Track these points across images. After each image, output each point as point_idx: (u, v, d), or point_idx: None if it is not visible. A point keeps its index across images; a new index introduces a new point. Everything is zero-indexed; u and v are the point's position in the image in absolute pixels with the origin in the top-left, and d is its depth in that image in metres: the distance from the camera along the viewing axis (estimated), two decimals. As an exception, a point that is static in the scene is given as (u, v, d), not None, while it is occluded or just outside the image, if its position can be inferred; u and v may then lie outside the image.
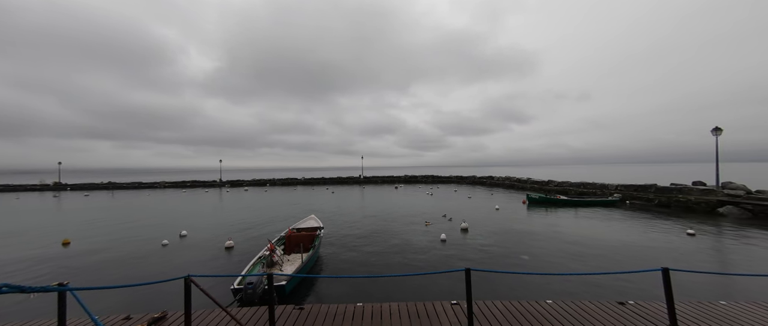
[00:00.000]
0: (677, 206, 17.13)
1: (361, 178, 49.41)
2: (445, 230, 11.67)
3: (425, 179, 48.77)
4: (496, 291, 6.01)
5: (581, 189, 24.79)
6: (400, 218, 15.24)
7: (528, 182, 32.79)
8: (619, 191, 21.40)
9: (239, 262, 8.22)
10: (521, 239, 10.51)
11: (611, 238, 10.58)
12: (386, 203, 22.13)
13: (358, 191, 33.85)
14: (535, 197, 20.73)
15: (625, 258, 8.21)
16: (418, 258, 8.60)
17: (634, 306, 4.35)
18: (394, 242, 10.39)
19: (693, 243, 9.75)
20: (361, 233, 11.94)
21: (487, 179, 41.93)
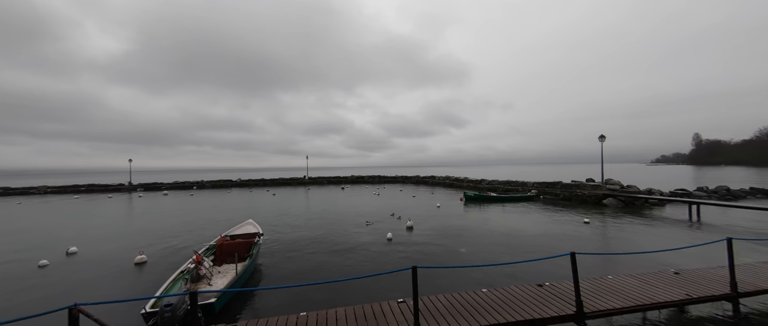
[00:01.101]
0: (576, 199, 20.83)
1: (306, 179, 47.26)
2: (391, 229, 11.90)
3: (372, 179, 49.24)
4: (440, 285, 6.32)
5: (507, 187, 28.18)
6: (347, 219, 15.00)
7: (464, 181, 35.87)
8: (535, 187, 24.99)
9: (154, 281, 6.93)
10: (460, 234, 11.37)
11: (531, 229, 12.24)
12: (332, 204, 21.57)
13: (302, 192, 32.26)
14: (471, 194, 22.77)
15: (542, 246, 9.57)
16: (365, 259, 8.54)
17: (550, 287, 5.06)
18: (341, 244, 10.14)
19: (588, 230, 11.93)
20: (306, 236, 11.34)
21: (430, 179, 44.49)
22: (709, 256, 7.51)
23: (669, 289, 4.88)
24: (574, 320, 4.18)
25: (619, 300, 4.55)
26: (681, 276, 5.40)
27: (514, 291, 4.95)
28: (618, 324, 4.79)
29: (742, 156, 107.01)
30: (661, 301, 4.53)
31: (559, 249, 9.09)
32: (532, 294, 4.84)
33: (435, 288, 6.10)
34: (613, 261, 7.72)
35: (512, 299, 4.68)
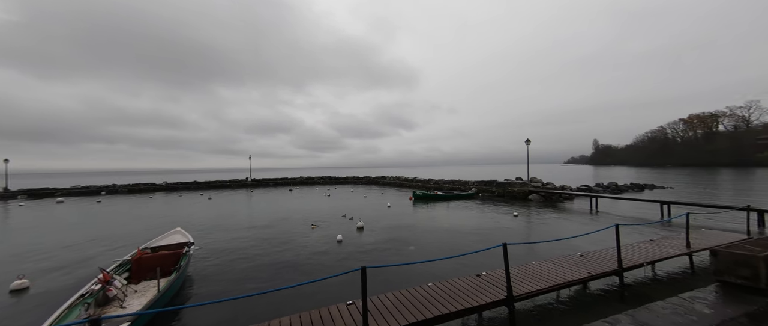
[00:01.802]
0: (508, 195, 23.48)
1: (249, 181, 43.60)
2: (341, 231, 11.73)
3: (322, 180, 47.92)
4: (390, 283, 6.45)
5: (451, 185, 30.30)
6: (295, 222, 14.30)
7: (414, 181, 37.41)
8: (475, 186, 27.41)
9: (41, 309, 5.59)
10: (409, 232, 11.80)
11: (471, 224, 13.37)
12: (279, 207, 20.33)
13: (244, 195, 29.66)
14: (419, 194, 23.85)
15: (481, 239, 10.53)
16: (314, 263, 8.26)
17: (486, 276, 5.58)
18: (287, 249, 9.62)
19: (517, 222, 13.55)
20: (247, 243, 10.45)
21: (381, 179, 45.23)
22: (604, 240, 9.19)
23: (576, 269, 5.83)
24: (505, 304, 4.69)
25: (540, 282, 5.25)
26: (585, 258, 6.49)
27: (456, 283, 5.33)
28: (539, 302, 5.54)
29: (625, 157, 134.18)
30: (570, 280, 5.38)
31: (494, 240, 10.12)
32: (472, 283, 5.28)
33: (385, 286, 6.21)
34: (536, 249, 8.90)
35: (454, 290, 5.03)
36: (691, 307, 2.93)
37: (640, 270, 6.73)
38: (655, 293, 5.67)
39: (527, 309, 5.38)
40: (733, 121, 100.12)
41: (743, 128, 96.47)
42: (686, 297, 3.15)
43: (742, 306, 2.90)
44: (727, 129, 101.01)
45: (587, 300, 5.70)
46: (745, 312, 2.78)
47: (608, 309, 4.97)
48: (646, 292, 5.85)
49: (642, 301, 4.64)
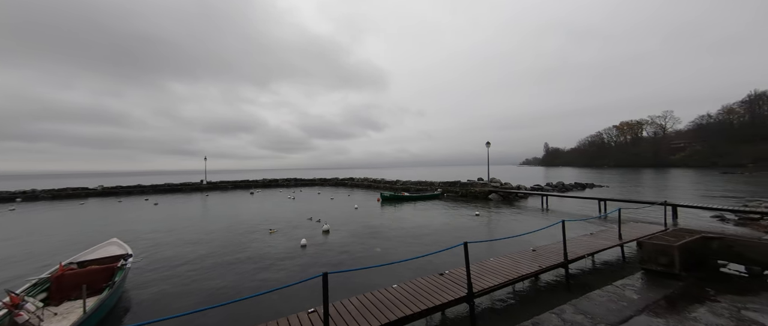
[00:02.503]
0: (470, 195, 24.68)
1: (204, 183, 40.25)
2: (306, 235, 11.31)
3: (287, 182, 45.99)
4: (355, 287, 6.34)
5: (418, 186, 31.00)
6: (255, 227, 13.48)
7: (381, 182, 37.60)
8: (441, 187, 28.37)
9: None
10: (376, 234, 11.77)
11: (436, 223, 13.77)
12: (238, 211, 19.03)
13: (198, 200, 27.29)
14: (387, 195, 24.01)
15: (445, 238, 10.87)
16: (276, 270, 7.83)
17: (449, 275, 5.74)
18: (246, 257, 9.01)
19: (478, 221, 14.26)
20: (200, 252, 9.59)
21: (349, 181, 44.74)
22: (553, 235, 10.06)
23: (529, 263, 6.26)
24: (466, 300, 4.86)
25: (497, 278, 5.54)
26: (536, 253, 7.01)
27: (420, 283, 5.40)
28: (497, 297, 5.84)
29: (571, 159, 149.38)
30: (524, 274, 5.76)
31: (458, 239, 10.51)
32: (435, 282, 5.39)
33: (349, 290, 6.08)
34: (495, 246, 9.42)
35: (418, 290, 5.09)
36: (622, 294, 3.27)
37: (582, 261, 7.45)
38: (595, 282, 6.32)
39: (486, 305, 5.64)
40: (653, 128, 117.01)
41: (661, 134, 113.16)
42: (618, 285, 3.52)
43: (662, 290, 3.31)
44: (649, 135, 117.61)
45: (538, 292, 6.16)
46: (663, 296, 3.18)
47: (556, 299, 5.41)
48: (587, 281, 6.48)
49: (583, 290, 5.13)
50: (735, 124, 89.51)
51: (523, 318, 3.55)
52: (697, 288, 3.33)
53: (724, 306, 2.93)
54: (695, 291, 3.24)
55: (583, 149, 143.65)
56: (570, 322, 2.73)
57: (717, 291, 3.23)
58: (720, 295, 3.13)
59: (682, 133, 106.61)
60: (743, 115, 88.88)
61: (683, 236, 3.98)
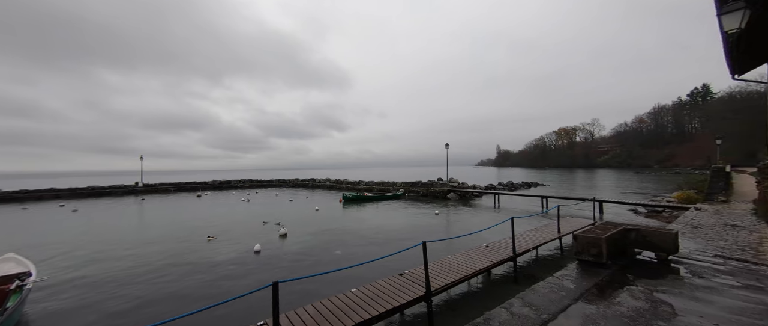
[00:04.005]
0: (431, 195, 25.55)
1: (139, 186, 35.53)
2: (260, 240, 10.56)
3: (242, 183, 42.80)
4: (313, 293, 6.04)
5: (381, 187, 31.17)
6: (201, 234, 12.21)
7: (344, 183, 37.04)
8: (403, 187, 28.90)
9: None
10: (337, 236, 11.47)
11: (398, 223, 13.92)
12: (181, 217, 17.11)
13: (132, 205, 23.97)
14: (349, 195, 23.68)
15: (406, 237, 11.01)
16: (226, 280, 7.14)
17: (409, 275, 5.77)
18: (188, 269, 8.08)
19: (437, 220, 14.77)
20: (128, 266, 8.36)
21: (310, 182, 43.24)
22: (504, 231, 10.82)
23: (482, 259, 6.60)
24: (424, 299, 4.91)
25: (454, 275, 5.72)
26: (489, 248, 7.44)
27: (380, 285, 5.33)
28: (453, 294, 6.04)
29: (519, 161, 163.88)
30: (478, 269, 6.05)
31: (418, 238, 10.71)
32: (395, 283, 5.37)
33: (307, 297, 5.78)
34: (453, 243, 9.80)
35: (377, 292, 5.02)
36: (561, 284, 3.56)
37: (528, 254, 8.10)
38: (539, 273, 6.91)
39: (443, 302, 5.79)
40: (584, 134, 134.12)
41: (591, 139, 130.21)
42: (558, 276, 3.84)
43: (593, 278, 3.68)
44: (581, 140, 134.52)
45: (491, 286, 6.52)
46: (594, 284, 3.53)
47: (506, 292, 5.78)
48: (532, 273, 7.06)
49: (529, 282, 5.55)
50: (644, 132, 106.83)
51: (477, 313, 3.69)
52: (620, 274, 3.77)
53: (640, 289, 3.34)
54: (619, 278, 3.66)
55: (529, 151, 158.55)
56: (518, 315, 2.87)
57: (635, 277, 3.68)
58: (637, 280, 3.57)
59: (606, 138, 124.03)
60: (650, 124, 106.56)
61: (609, 229, 4.52)
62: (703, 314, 2.77)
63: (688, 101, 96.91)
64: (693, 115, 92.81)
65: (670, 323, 2.67)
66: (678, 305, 2.96)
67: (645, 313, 2.84)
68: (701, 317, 2.72)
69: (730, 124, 51.42)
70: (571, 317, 2.86)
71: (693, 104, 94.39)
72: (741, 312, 2.77)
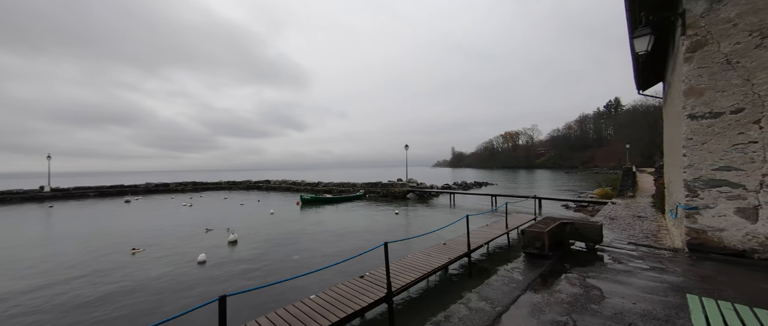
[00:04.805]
0: (391, 195, 25.91)
1: (46, 190, 29.59)
2: (205, 249, 9.53)
3: (183, 186, 38.33)
4: (269, 303, 5.62)
5: (341, 188, 30.65)
6: (126, 246, 10.57)
7: (302, 185, 35.57)
8: (363, 187, 28.80)
9: None
10: (294, 240, 10.90)
11: (359, 224, 13.78)
12: (103, 226, 14.64)
13: (36, 213, 19.82)
14: (308, 197, 22.80)
15: (368, 238, 10.93)
16: (163, 297, 6.25)
17: (370, 276, 5.71)
18: (113, 286, 6.91)
19: (398, 219, 15.00)
20: (25, 291, 6.83)
21: (264, 184, 40.60)
22: (459, 228, 11.42)
23: (440, 257, 6.85)
24: (385, 300, 4.90)
25: (414, 273, 5.82)
26: (446, 246, 7.76)
27: (340, 289, 5.17)
28: (413, 292, 6.15)
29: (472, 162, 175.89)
30: (436, 266, 6.25)
31: (379, 239, 10.73)
32: (356, 286, 5.26)
33: (261, 309, 5.34)
34: (412, 243, 10.02)
35: (338, 297, 4.85)
36: (512, 276, 3.83)
37: (481, 250, 8.66)
38: (491, 267, 7.42)
39: (404, 301, 5.86)
40: (525, 137, 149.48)
41: (531, 143, 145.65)
42: (508, 268, 4.13)
43: (537, 269, 4.03)
44: (523, 143, 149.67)
45: (448, 282, 6.80)
46: (539, 274, 3.87)
47: (462, 287, 6.07)
48: (485, 267, 7.55)
49: (483, 276, 5.91)
50: (572, 137, 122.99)
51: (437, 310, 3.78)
52: (559, 264, 4.19)
53: (575, 276, 3.74)
54: (558, 267, 4.07)
55: (480, 153, 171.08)
56: (475, 310, 2.99)
57: (570, 265, 4.13)
58: (572, 268, 4.00)
59: (543, 142, 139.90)
60: (577, 130, 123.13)
61: (549, 224, 5.03)
62: (624, 295, 3.21)
63: (604, 112, 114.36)
64: (608, 123, 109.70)
65: (600, 305, 3.04)
66: (605, 288, 3.39)
67: (580, 298, 3.19)
68: (623, 298, 3.15)
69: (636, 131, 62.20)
70: (521, 307, 3.09)
71: (608, 114, 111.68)
72: (651, 290, 3.28)
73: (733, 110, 4.02)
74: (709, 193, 4.20)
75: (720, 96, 4.09)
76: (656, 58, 6.93)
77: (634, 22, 5.19)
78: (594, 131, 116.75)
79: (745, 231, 3.99)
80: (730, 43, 3.99)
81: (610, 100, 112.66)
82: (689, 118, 4.33)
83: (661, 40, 5.97)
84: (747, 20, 3.87)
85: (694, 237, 4.34)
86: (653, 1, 4.87)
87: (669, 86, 6.90)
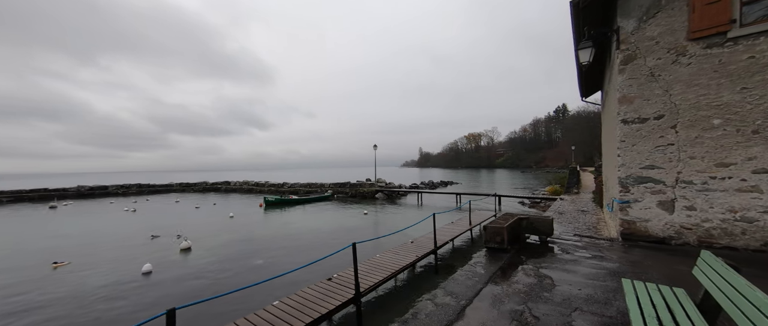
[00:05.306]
0: (359, 195, 25.77)
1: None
2: (151, 258, 8.58)
3: (125, 189, 34.21)
4: (227, 315, 5.21)
5: (308, 188, 29.74)
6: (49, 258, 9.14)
7: (266, 186, 33.85)
8: (331, 188, 28.27)
9: None
10: (257, 244, 10.30)
11: (327, 225, 13.47)
12: (21, 236, 12.46)
13: None
14: (272, 199, 21.73)
15: (336, 239, 10.72)
16: (99, 315, 5.47)
17: (337, 278, 5.59)
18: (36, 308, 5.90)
19: (367, 219, 14.96)
20: None
21: (223, 185, 37.87)
22: (426, 226, 11.72)
23: (409, 255, 6.96)
24: (353, 301, 4.83)
25: (382, 273, 5.83)
26: (414, 244, 7.91)
27: (306, 293, 4.99)
28: (381, 292, 6.16)
29: (438, 162, 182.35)
30: (405, 265, 6.33)
31: (348, 240, 10.59)
32: (322, 289, 5.11)
33: (220, 320, 4.95)
34: (381, 242, 10.04)
35: (304, 301, 4.68)
36: (475, 270, 4.01)
37: (447, 246, 8.98)
38: (456, 262, 7.72)
39: (373, 301, 5.84)
40: (486, 139, 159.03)
41: (491, 144, 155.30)
42: (471, 263, 4.33)
43: (498, 262, 4.28)
44: (485, 144, 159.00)
45: (416, 280, 6.93)
46: (499, 267, 4.10)
47: (429, 284, 6.23)
48: (450, 263, 7.84)
49: (449, 272, 6.12)
50: (527, 139, 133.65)
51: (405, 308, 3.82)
52: (516, 257, 4.49)
53: (530, 267, 4.03)
54: (515, 260, 4.35)
55: (445, 153, 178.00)
56: (441, 305, 3.07)
57: (526, 257, 4.44)
58: (528, 260, 4.31)
59: (502, 143, 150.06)
60: (531, 133, 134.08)
61: (508, 219, 5.37)
62: (571, 282, 3.54)
63: (554, 116, 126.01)
64: (557, 127, 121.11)
65: (551, 293, 3.31)
66: (555, 277, 3.71)
67: (535, 287, 3.45)
68: (570, 285, 3.47)
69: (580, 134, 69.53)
70: (483, 299, 3.24)
71: (557, 118, 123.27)
72: (593, 277, 3.66)
73: (655, 117, 4.65)
74: (637, 188, 4.81)
75: (646, 104, 4.70)
76: (596, 69, 7.79)
77: (578, 36, 5.76)
78: (545, 133, 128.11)
79: (665, 221, 4.64)
80: (653, 58, 4.61)
81: (558, 106, 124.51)
82: (622, 122, 4.92)
83: (600, 54, 6.71)
84: (666, 39, 4.51)
85: (626, 228, 4.95)
86: (595, 17, 5.45)
87: (606, 94, 7.79)
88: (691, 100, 4.37)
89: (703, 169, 4.34)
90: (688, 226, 4.49)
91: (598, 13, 5.34)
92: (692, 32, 4.28)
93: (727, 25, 4.05)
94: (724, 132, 4.20)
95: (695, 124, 4.37)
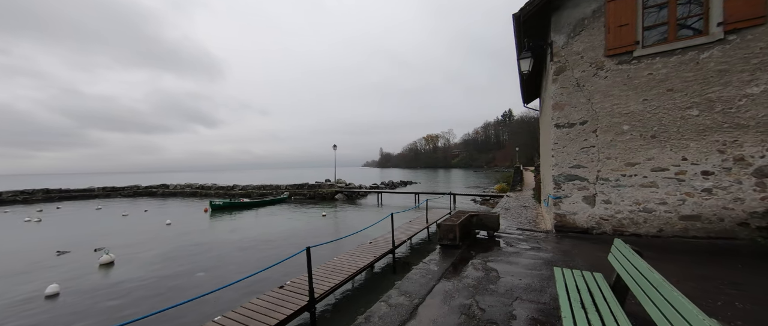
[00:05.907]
0: (318, 197, 25.00)
1: None
2: (58, 278, 7.17)
3: (27, 195, 28.26)
4: (152, 337, 4.55)
5: (261, 191, 27.91)
6: None
7: (212, 188, 30.94)
8: (288, 189, 26.94)
9: None
10: (199, 254, 9.29)
11: (282, 229, 12.74)
12: None
13: None
14: (219, 203, 19.88)
15: (290, 244, 10.18)
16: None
17: (291, 285, 5.28)
18: None
19: (325, 221, 14.54)
20: None
21: (160, 189, 33.58)
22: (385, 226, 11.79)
23: (367, 256, 6.90)
24: (307, 309, 4.61)
25: (338, 276, 5.68)
26: (373, 244, 7.88)
27: (255, 304, 4.62)
28: (338, 296, 6.00)
29: (398, 162, 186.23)
30: (362, 266, 6.25)
31: (304, 244, 10.09)
32: (273, 298, 4.78)
33: (143, 345, 4.29)
34: (340, 244, 9.81)
35: (251, 313, 4.32)
36: (429, 268, 4.11)
37: (404, 245, 9.14)
38: (412, 260, 7.88)
39: (329, 306, 5.64)
40: (443, 140, 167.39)
41: (447, 145, 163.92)
42: (426, 261, 4.43)
43: (450, 259, 4.45)
44: (441, 145, 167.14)
45: (373, 280, 6.90)
46: (451, 263, 4.27)
47: (386, 284, 6.24)
48: (407, 261, 7.98)
49: (405, 271, 6.21)
50: (479, 140, 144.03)
51: (359, 312, 3.74)
52: (467, 252, 4.73)
53: (479, 262, 4.27)
54: (466, 255, 4.57)
55: (405, 154, 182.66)
56: (395, 306, 3.06)
57: (476, 252, 4.70)
58: (477, 255, 4.56)
59: (457, 144, 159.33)
60: (482, 135, 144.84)
61: (461, 216, 5.64)
62: (514, 273, 3.83)
63: (501, 120, 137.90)
64: (504, 130, 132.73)
65: (496, 285, 3.53)
66: (500, 269, 3.98)
67: (482, 281, 3.65)
68: (513, 276, 3.75)
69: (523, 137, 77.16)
70: (435, 296, 3.32)
71: (504, 122, 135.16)
72: (532, 267, 4.02)
73: (581, 122, 5.29)
74: (567, 185, 5.43)
75: (574, 111, 5.33)
76: (535, 78, 8.64)
77: (520, 47, 6.31)
78: (494, 135, 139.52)
79: (588, 214, 5.31)
80: (579, 71, 5.25)
81: (505, 110, 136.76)
82: (555, 127, 5.51)
83: (539, 64, 7.45)
84: (589, 54, 5.16)
85: (558, 221, 5.55)
86: (534, 30, 6.02)
87: (543, 101, 8.70)
88: (607, 108, 5.07)
89: (617, 168, 5.07)
90: (605, 217, 5.19)
91: (538, 26, 5.92)
92: (608, 50, 4.97)
93: (633, 45, 4.79)
94: (631, 137, 4.95)
95: (610, 129, 5.08)
